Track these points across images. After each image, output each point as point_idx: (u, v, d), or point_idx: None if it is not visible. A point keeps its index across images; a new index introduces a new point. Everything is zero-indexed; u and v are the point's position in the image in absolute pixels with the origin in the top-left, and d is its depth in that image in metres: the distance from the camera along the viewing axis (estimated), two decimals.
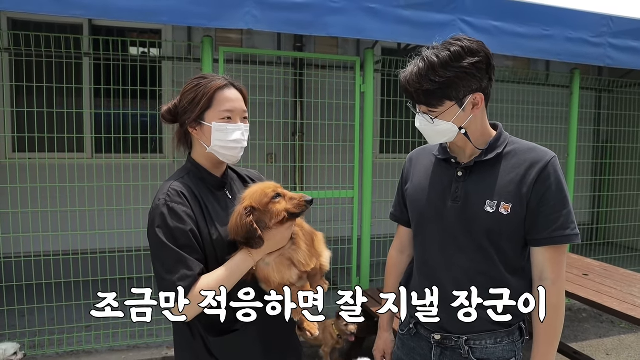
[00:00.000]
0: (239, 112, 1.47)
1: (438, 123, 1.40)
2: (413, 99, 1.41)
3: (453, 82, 1.33)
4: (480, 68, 1.34)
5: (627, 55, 4.12)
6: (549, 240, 1.38)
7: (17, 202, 3.65)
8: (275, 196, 1.37)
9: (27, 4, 2.78)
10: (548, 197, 1.36)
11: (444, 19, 3.54)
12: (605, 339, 4.15)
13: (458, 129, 1.41)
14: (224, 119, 1.44)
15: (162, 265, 1.32)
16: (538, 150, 1.42)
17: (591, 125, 6.51)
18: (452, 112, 1.38)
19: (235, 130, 1.45)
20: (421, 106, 1.42)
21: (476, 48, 1.34)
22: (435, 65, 1.32)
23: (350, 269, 4.10)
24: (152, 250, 1.36)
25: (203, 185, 1.48)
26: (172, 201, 1.36)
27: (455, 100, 1.36)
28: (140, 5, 2.95)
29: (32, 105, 3.62)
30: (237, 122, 1.46)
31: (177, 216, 1.34)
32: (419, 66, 1.35)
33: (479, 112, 1.42)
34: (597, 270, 3.51)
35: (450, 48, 1.33)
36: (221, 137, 1.43)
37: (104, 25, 4.97)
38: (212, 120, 1.43)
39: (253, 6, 3.11)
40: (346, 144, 4.37)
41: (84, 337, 3.65)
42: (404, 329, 1.64)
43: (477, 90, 1.37)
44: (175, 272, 1.30)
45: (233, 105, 1.45)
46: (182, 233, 1.33)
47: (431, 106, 1.38)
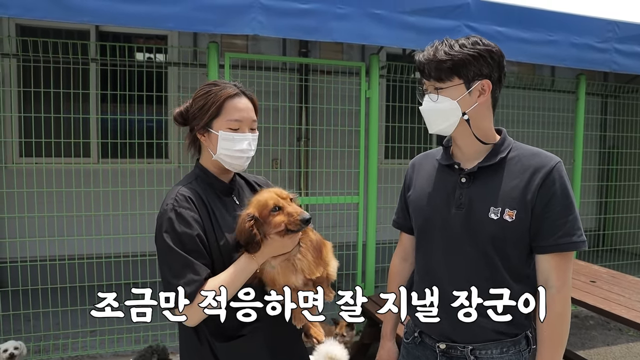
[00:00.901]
0: (248, 122, 1.47)
1: (442, 100, 1.41)
2: (424, 73, 1.43)
3: (466, 60, 1.37)
4: (494, 58, 1.39)
5: (633, 61, 4.10)
6: (554, 247, 1.35)
7: (23, 207, 3.66)
8: (274, 209, 1.37)
9: (34, 11, 2.80)
10: (553, 203, 1.35)
11: (449, 25, 3.54)
12: (613, 347, 4.11)
13: (461, 114, 1.41)
14: (231, 129, 1.44)
15: (169, 269, 1.32)
16: (542, 156, 1.41)
17: (597, 131, 6.48)
18: (458, 91, 1.40)
19: (242, 140, 1.45)
20: (429, 84, 1.43)
21: (492, 44, 1.41)
22: (452, 45, 1.39)
23: (355, 275, 4.09)
24: (159, 254, 1.37)
25: (211, 191, 1.48)
26: (180, 206, 1.37)
27: (464, 79, 1.39)
28: (146, 11, 2.96)
29: (39, 111, 3.65)
30: (244, 132, 1.46)
31: (185, 221, 1.35)
32: (436, 45, 1.41)
33: (484, 103, 1.42)
34: (605, 277, 3.47)
35: (470, 38, 1.41)
36: (227, 146, 1.43)
37: (110, 31, 5.01)
38: (219, 128, 1.43)
39: (259, 12, 3.12)
40: (351, 150, 4.37)
41: (88, 342, 3.65)
42: (409, 338, 1.62)
43: (487, 77, 1.39)
44: (182, 277, 1.30)
45: (241, 114, 1.45)
46: (190, 238, 1.34)
47: (439, 80, 1.40)
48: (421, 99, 1.49)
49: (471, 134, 1.44)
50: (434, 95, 1.42)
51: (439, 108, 1.42)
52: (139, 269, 3.84)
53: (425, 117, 1.49)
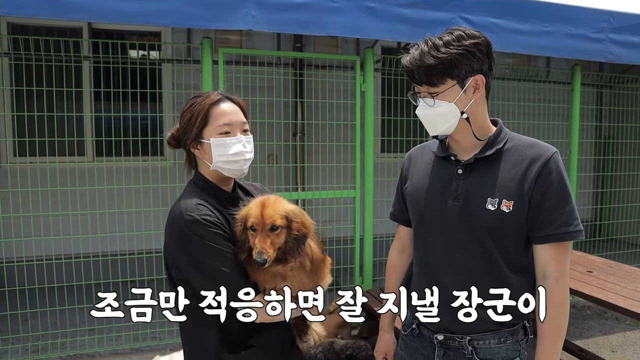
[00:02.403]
0: (238, 125, 1.45)
1: (439, 104, 1.39)
2: (414, 79, 1.40)
3: (455, 60, 1.33)
4: (481, 50, 1.37)
5: (628, 51, 4.10)
6: (551, 237, 1.36)
7: (18, 207, 3.64)
8: (252, 227, 1.32)
9: (26, 8, 2.77)
10: (550, 193, 1.35)
11: (443, 17, 3.53)
12: (610, 336, 4.13)
13: (460, 113, 1.40)
14: (221, 134, 1.42)
15: (209, 271, 1.33)
16: (539, 146, 1.41)
17: (593, 121, 6.48)
18: (454, 93, 1.38)
19: (235, 144, 1.43)
20: (422, 89, 1.41)
21: (477, 34, 1.38)
22: (437, 45, 1.34)
23: (353, 269, 4.09)
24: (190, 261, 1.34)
25: (217, 203, 1.45)
26: (204, 214, 1.35)
27: (457, 79, 1.36)
28: (139, 7, 2.94)
29: (32, 109, 3.62)
30: (236, 135, 1.44)
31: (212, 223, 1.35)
32: (421, 47, 1.37)
33: (480, 98, 1.41)
34: (602, 267, 3.49)
35: (453, 32, 1.37)
36: (221, 152, 1.41)
37: (103, 29, 4.97)
38: (210, 136, 1.42)
39: (252, 7, 3.10)
40: (347, 144, 4.36)
41: (87, 340, 3.65)
42: (407, 330, 1.63)
43: (479, 72, 1.38)
44: (242, 278, 1.34)
45: (229, 118, 1.44)
46: (220, 236, 1.34)
47: (433, 85, 1.37)
48: (415, 102, 1.46)
49: (470, 130, 1.43)
50: (430, 100, 1.40)
51: (437, 112, 1.41)
52: (136, 267, 3.83)
53: (424, 121, 1.46)
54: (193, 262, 1.34)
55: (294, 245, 1.32)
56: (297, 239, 1.33)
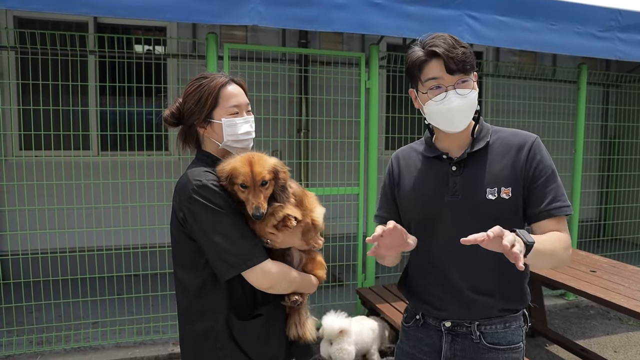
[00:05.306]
0: (244, 106, 1.53)
1: (472, 93, 1.43)
2: (449, 68, 1.37)
3: (471, 53, 1.41)
4: None
5: (636, 49, 4.08)
6: (544, 213, 1.41)
7: (23, 200, 3.67)
8: (242, 185, 1.35)
9: (32, 2, 2.78)
10: (538, 173, 1.42)
11: (450, 14, 3.51)
12: (613, 336, 4.12)
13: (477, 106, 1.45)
14: (232, 114, 1.49)
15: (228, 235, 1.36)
16: (521, 134, 1.49)
17: (599, 120, 6.45)
18: (473, 82, 1.45)
19: (243, 124, 1.51)
20: (453, 79, 1.39)
21: None
22: (455, 38, 1.41)
23: (356, 266, 4.10)
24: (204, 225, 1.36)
25: None
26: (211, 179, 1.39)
27: (474, 70, 1.45)
28: (144, 2, 2.95)
29: (38, 103, 3.64)
30: (243, 115, 1.52)
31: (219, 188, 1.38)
32: (446, 39, 1.40)
33: None
34: (605, 267, 3.48)
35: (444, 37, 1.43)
36: (232, 132, 1.49)
37: (109, 23, 4.97)
38: (220, 117, 1.48)
39: (258, 2, 3.10)
40: (351, 141, 4.36)
41: (90, 333, 3.67)
42: (410, 321, 1.62)
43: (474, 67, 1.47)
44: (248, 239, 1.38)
45: (238, 99, 1.51)
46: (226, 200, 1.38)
47: (467, 72, 1.40)
48: (439, 99, 1.41)
49: (472, 124, 1.47)
50: (465, 89, 1.40)
51: (470, 102, 1.42)
52: (140, 261, 3.85)
53: (453, 115, 1.42)
54: (206, 227, 1.36)
55: (282, 192, 1.44)
56: (283, 187, 1.45)
